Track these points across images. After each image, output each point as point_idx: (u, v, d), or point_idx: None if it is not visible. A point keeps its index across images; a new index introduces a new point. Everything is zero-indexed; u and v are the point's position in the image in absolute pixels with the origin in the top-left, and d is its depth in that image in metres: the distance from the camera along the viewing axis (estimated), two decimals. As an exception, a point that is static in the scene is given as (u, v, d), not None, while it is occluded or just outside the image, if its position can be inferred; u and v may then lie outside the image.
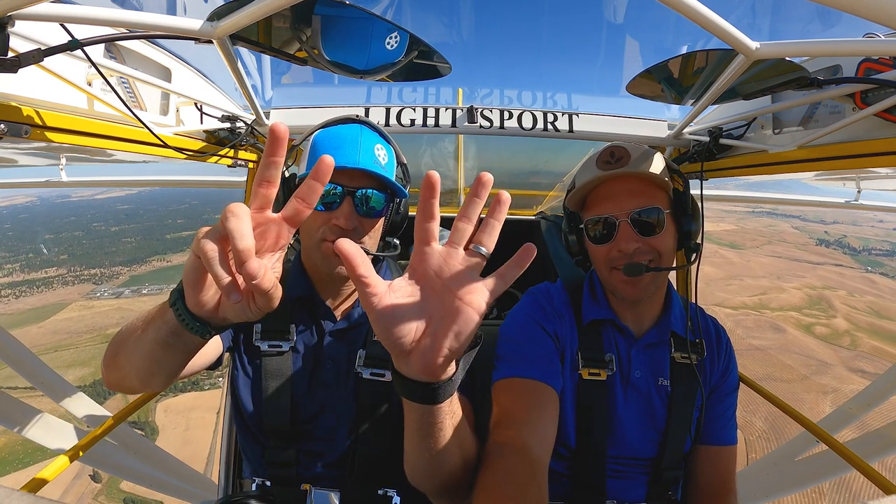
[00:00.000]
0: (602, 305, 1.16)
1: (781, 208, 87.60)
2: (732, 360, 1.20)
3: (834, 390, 36.59)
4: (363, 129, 1.03)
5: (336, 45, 1.03)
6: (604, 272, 1.10)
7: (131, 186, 2.85)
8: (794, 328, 48.58)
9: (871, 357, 42.88)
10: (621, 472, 1.11)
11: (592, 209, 1.09)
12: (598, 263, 1.11)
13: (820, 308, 53.89)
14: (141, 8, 0.98)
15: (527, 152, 3.71)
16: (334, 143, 1.00)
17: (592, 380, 1.10)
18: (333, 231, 0.98)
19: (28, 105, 0.92)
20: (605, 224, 1.05)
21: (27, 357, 2.31)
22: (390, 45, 1.05)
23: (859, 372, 39.62)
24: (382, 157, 1.01)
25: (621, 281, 1.05)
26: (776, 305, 55.15)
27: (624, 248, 1.02)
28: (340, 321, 1.11)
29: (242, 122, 1.58)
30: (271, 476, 1.07)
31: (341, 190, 0.97)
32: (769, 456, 2.74)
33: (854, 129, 1.12)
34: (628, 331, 1.13)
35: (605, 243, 1.06)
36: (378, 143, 1.03)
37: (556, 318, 1.15)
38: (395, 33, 1.02)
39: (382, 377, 1.06)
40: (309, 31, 0.98)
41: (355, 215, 0.98)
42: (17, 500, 0.31)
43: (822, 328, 48.68)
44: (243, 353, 1.10)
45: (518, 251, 0.55)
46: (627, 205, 1.03)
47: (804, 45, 0.81)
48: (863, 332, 47.82)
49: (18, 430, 2.25)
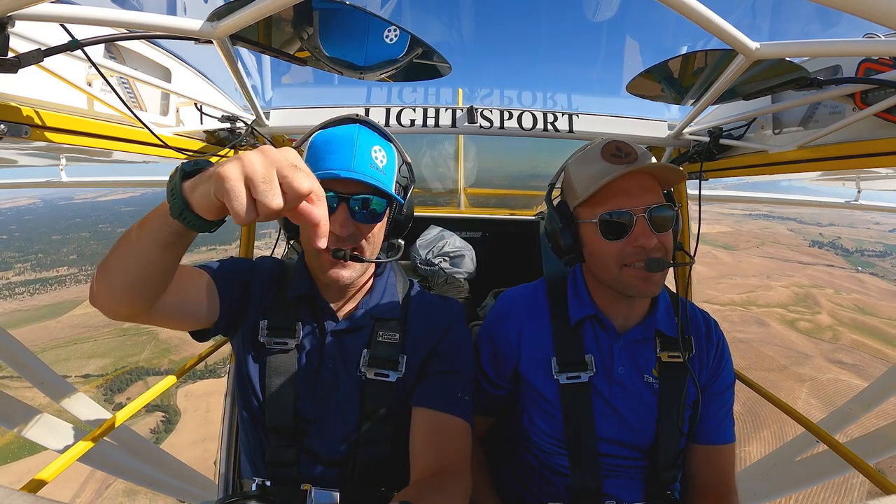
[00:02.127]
0: (585, 302, 1.15)
1: (779, 211, 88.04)
2: (725, 357, 1.17)
3: (811, 378, 37.91)
4: (360, 131, 1.00)
5: (336, 46, 1.03)
6: (612, 269, 1.06)
7: (131, 187, 2.85)
8: (777, 323, 49.60)
9: (850, 349, 43.90)
10: (617, 471, 1.11)
11: (604, 204, 1.04)
12: (607, 260, 1.06)
13: (805, 305, 54.87)
14: (141, 8, 0.99)
15: (527, 153, 3.71)
16: (330, 147, 0.97)
17: (573, 383, 1.10)
18: (335, 240, 0.97)
19: (28, 105, 0.92)
20: (622, 218, 1.02)
21: (27, 357, 2.31)
22: (390, 45, 1.05)
23: (838, 363, 40.87)
24: (380, 159, 0.99)
25: (637, 277, 1.03)
26: (763, 302, 56.02)
27: (645, 243, 1.00)
28: (342, 321, 1.11)
29: (242, 123, 1.58)
30: (272, 475, 1.07)
31: (335, 197, 0.95)
32: (769, 456, 2.74)
33: (854, 130, 1.12)
34: (611, 326, 1.13)
35: (619, 239, 1.03)
36: (376, 144, 1.00)
37: (518, 327, 1.17)
38: (396, 33, 1.02)
39: (387, 378, 1.06)
40: (309, 31, 0.98)
41: (351, 221, 0.97)
42: (16, 500, 0.31)
43: (805, 323, 49.72)
44: (249, 349, 1.10)
45: None
46: (644, 200, 1.02)
47: (804, 46, 0.81)
48: (845, 326, 48.70)
49: (18, 431, 2.25)
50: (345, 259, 0.97)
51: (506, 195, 3.94)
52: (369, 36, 1.02)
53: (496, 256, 2.65)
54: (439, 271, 2.34)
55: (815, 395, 35.85)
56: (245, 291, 1.09)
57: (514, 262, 2.64)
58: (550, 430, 1.12)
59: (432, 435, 0.99)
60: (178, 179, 0.66)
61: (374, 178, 0.95)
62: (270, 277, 1.14)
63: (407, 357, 1.08)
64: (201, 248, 73.44)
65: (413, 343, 1.10)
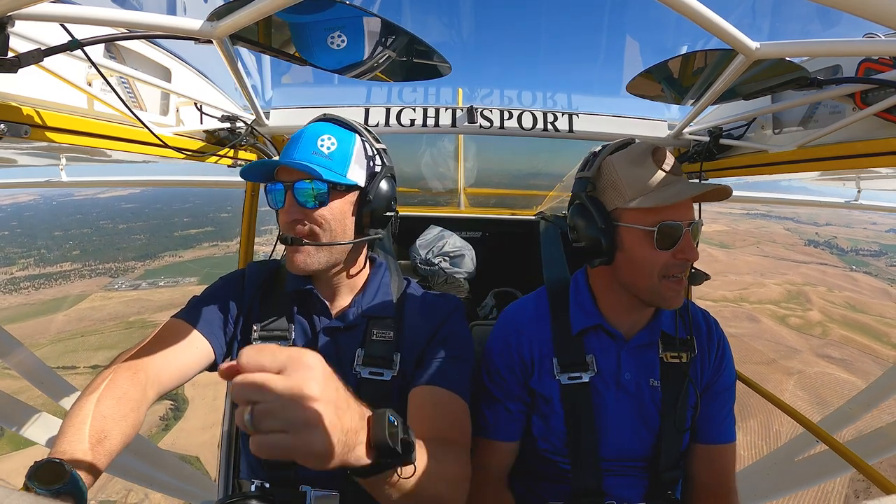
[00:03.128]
0: (589, 312, 1.14)
1: (776, 211, 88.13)
2: (727, 357, 1.18)
3: (799, 372, 38.35)
4: (315, 125, 1.06)
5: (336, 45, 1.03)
6: (653, 279, 1.03)
7: (131, 186, 2.85)
8: (769, 319, 50.08)
9: (839, 345, 44.42)
10: (618, 472, 1.11)
11: (660, 213, 1.00)
12: (650, 269, 1.02)
13: (797, 302, 55.37)
14: (141, 8, 0.98)
15: (527, 152, 3.72)
16: (288, 144, 1.05)
17: (574, 383, 1.10)
18: (286, 227, 1.02)
19: (28, 105, 0.92)
20: (674, 231, 1.01)
21: (27, 357, 2.31)
22: (390, 44, 1.05)
23: (826, 357, 41.36)
24: (328, 146, 1.02)
25: (673, 290, 1.03)
26: (755, 299, 56.45)
27: (692, 256, 1.02)
28: (335, 320, 1.11)
29: (242, 122, 1.57)
30: (270, 477, 1.07)
31: (281, 186, 1.01)
32: (769, 456, 2.75)
33: (854, 129, 1.12)
34: (617, 334, 1.12)
35: (668, 249, 1.01)
36: (326, 133, 1.03)
37: (525, 343, 1.15)
38: (396, 33, 1.02)
39: (381, 376, 1.06)
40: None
41: (296, 207, 1.00)
42: (17, 500, 0.31)
43: (796, 319, 50.24)
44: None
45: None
46: (690, 214, 1.04)
47: (804, 45, 0.81)
48: (835, 323, 49.21)
49: (16, 430, 2.25)
50: (289, 243, 1.01)
51: (506, 195, 3.94)
52: (369, 36, 1.03)
53: (496, 256, 2.65)
54: (439, 271, 2.34)
55: (801, 387, 36.37)
56: (236, 310, 1.11)
57: (514, 262, 2.64)
58: (552, 429, 1.12)
59: (429, 409, 0.98)
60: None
61: (311, 164, 0.98)
62: (260, 281, 1.16)
63: (402, 355, 1.08)
64: (203, 245, 73.69)
65: (408, 339, 1.10)
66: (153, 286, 60.06)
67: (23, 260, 67.17)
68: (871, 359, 41.06)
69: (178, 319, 1.05)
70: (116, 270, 65.21)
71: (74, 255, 69.48)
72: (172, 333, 1.01)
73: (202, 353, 1.02)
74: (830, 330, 47.47)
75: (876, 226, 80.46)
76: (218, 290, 1.13)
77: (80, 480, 0.66)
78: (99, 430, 0.75)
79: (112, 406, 0.79)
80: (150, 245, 74.99)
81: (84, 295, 56.62)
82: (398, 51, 1.09)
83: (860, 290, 58.26)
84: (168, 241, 77.25)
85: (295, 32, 0.98)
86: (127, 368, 0.87)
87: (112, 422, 0.77)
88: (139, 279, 62.92)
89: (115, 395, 0.81)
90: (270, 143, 1.74)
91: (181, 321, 1.04)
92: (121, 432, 0.78)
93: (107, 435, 0.75)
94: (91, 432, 0.74)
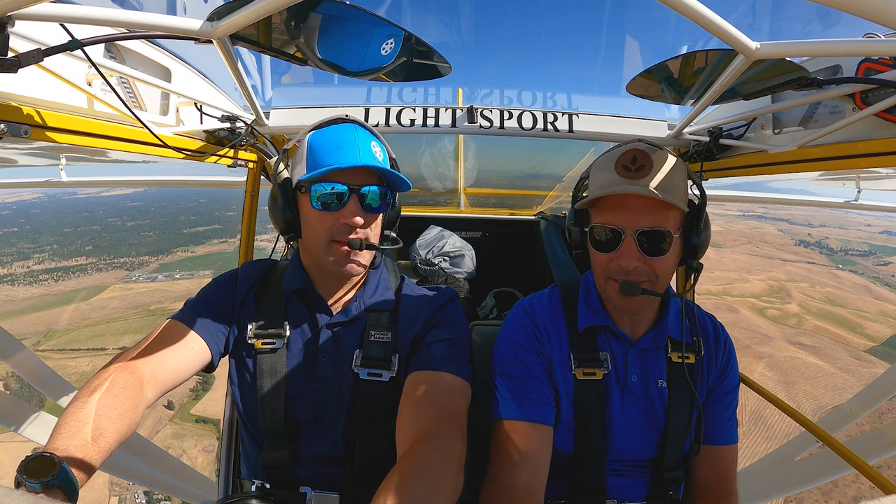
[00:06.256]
0: (597, 312, 1.14)
1: (772, 212, 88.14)
2: (732, 359, 1.19)
3: (769, 356, 41.52)
4: (358, 129, 1.05)
5: (336, 45, 1.03)
6: (600, 279, 1.08)
7: (131, 186, 2.85)
8: (747, 310, 51.73)
9: (812, 334, 46.54)
10: (621, 472, 1.11)
11: (602, 214, 1.04)
12: (596, 269, 1.09)
13: (777, 296, 56.82)
14: (141, 8, 0.99)
15: (527, 152, 3.71)
16: (333, 144, 1.02)
17: (588, 379, 1.10)
18: (343, 230, 1.00)
19: (28, 105, 0.92)
20: (611, 233, 1.01)
21: (27, 357, 2.31)
22: (390, 44, 1.06)
23: (797, 344, 43.79)
24: (379, 153, 1.04)
25: (616, 292, 1.03)
26: (737, 293, 57.95)
27: (623, 265, 0.99)
28: (337, 315, 1.11)
29: (242, 122, 1.57)
30: (269, 478, 1.07)
31: (346, 189, 0.99)
32: (769, 456, 2.74)
33: (854, 129, 1.12)
34: (624, 336, 1.13)
35: (607, 252, 1.03)
36: (373, 140, 1.05)
37: (543, 333, 1.14)
38: (395, 33, 1.02)
39: (380, 377, 1.06)
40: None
41: (362, 211, 1.01)
42: (16, 500, 0.31)
43: (774, 311, 51.99)
44: (239, 351, 1.10)
45: None
46: (638, 221, 0.99)
47: (804, 45, 0.81)
48: (811, 315, 50.96)
49: (15, 429, 2.25)
50: (361, 248, 1.01)
51: (506, 195, 3.95)
52: (369, 35, 1.03)
53: (496, 256, 2.65)
54: (439, 271, 2.34)
55: (770, 368, 39.03)
56: (229, 310, 1.12)
57: (514, 262, 2.64)
58: (560, 424, 1.11)
59: (421, 392, 0.98)
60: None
61: (381, 167, 1.00)
62: (254, 281, 1.16)
63: (399, 356, 1.08)
64: (213, 241, 73.86)
65: (404, 335, 1.11)
66: (169, 279, 61.47)
67: (37, 255, 68.13)
68: (841, 346, 43.16)
69: (174, 321, 1.06)
70: (132, 264, 66.42)
71: (88, 251, 70.30)
72: (169, 335, 1.01)
73: (199, 354, 1.03)
74: (806, 321, 49.41)
75: (870, 227, 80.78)
76: (212, 291, 1.14)
77: (71, 474, 0.66)
78: (94, 428, 0.75)
79: (108, 405, 0.80)
80: (161, 241, 75.72)
81: (104, 286, 58.09)
82: (398, 51, 1.09)
83: (842, 287, 59.58)
84: (178, 237, 77.92)
85: (295, 32, 0.98)
86: (124, 369, 0.88)
87: (108, 420, 0.78)
88: (155, 272, 64.20)
89: (112, 394, 0.82)
90: (270, 143, 1.74)
91: (178, 322, 1.05)
92: (116, 431, 0.78)
93: (102, 433, 0.76)
94: (86, 430, 0.75)
